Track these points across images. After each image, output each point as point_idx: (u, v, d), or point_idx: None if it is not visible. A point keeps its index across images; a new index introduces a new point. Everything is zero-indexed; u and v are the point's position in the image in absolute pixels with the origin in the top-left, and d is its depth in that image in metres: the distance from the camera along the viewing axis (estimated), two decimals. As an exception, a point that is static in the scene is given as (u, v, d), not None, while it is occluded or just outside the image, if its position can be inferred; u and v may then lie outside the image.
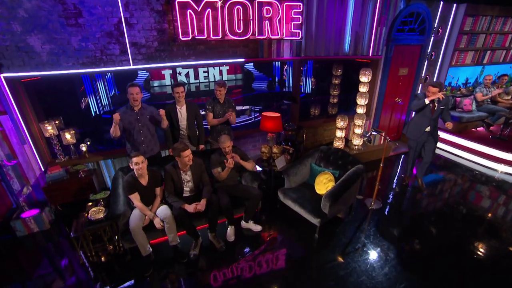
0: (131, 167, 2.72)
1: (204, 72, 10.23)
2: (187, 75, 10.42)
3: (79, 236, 2.70)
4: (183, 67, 3.88)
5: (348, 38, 4.44)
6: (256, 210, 3.49)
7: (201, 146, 3.67)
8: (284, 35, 3.88)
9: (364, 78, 4.55)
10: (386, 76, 5.04)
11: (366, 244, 3.11)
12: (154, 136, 3.33)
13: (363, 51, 4.65)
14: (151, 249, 2.81)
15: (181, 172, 3.00)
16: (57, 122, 3.67)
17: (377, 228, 3.36)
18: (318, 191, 3.35)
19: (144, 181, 2.80)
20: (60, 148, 3.60)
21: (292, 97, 4.42)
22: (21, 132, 3.30)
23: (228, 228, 3.22)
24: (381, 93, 5.18)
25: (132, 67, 3.44)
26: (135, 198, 2.74)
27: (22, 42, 2.99)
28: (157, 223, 2.75)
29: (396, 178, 4.61)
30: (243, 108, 7.19)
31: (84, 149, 3.69)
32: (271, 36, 3.80)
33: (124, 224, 2.77)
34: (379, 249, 3.04)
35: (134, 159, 2.67)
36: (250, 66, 10.71)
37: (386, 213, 3.67)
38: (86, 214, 2.89)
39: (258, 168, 4.16)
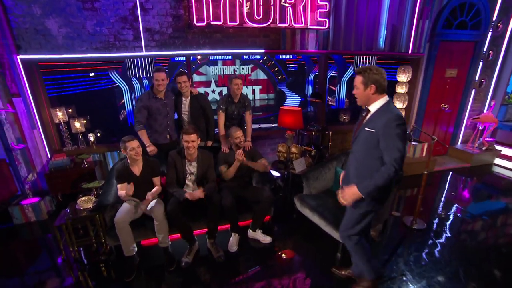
0: (125, 152, 2.42)
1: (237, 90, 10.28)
2: (220, 93, 10.51)
3: (61, 226, 2.40)
4: (198, 55, 3.58)
5: (383, 31, 3.93)
6: (267, 218, 2.96)
7: (209, 142, 3.29)
8: (309, 24, 3.51)
9: (403, 77, 3.94)
10: (430, 77, 4.34)
11: (406, 274, 2.37)
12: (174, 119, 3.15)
13: (401, 47, 4.07)
14: (136, 250, 2.40)
15: (186, 161, 2.63)
16: (70, 110, 3.61)
17: (421, 254, 2.60)
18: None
19: (137, 170, 2.48)
20: (68, 136, 3.49)
21: (317, 93, 3.94)
22: (32, 116, 3.25)
23: (231, 236, 2.71)
24: (423, 97, 4.45)
25: (144, 53, 3.29)
26: (122, 188, 2.42)
27: (40, 25, 3.00)
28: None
29: (443, 198, 3.75)
30: (272, 126, 6.97)
31: (92, 139, 3.55)
32: (294, 25, 3.45)
33: (112, 217, 2.43)
34: (424, 282, 2.28)
35: (130, 144, 2.37)
36: (282, 86, 10.68)
37: (432, 236, 2.87)
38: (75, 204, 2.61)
39: (276, 173, 3.66)
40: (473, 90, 4.68)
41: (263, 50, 3.63)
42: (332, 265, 2.45)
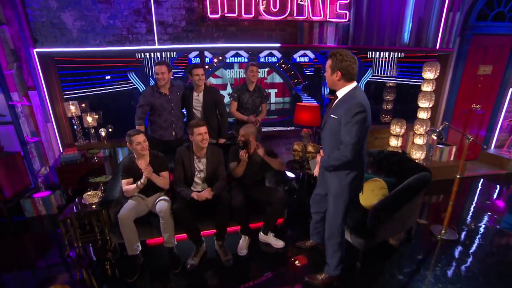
0: (131, 147, 2.30)
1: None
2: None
3: (65, 220, 2.33)
4: (212, 50, 3.47)
5: (408, 25, 3.65)
6: (280, 221, 2.78)
7: (221, 140, 3.15)
8: (328, 17, 3.31)
9: (429, 74, 3.62)
10: (460, 74, 4.00)
11: (436, 290, 2.09)
12: (181, 115, 2.99)
13: (428, 42, 3.77)
14: (140, 249, 2.28)
15: (195, 157, 2.49)
16: (83, 105, 3.61)
17: (454, 269, 2.30)
18: (363, 202, 2.48)
19: (143, 165, 2.36)
20: (80, 130, 3.47)
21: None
22: (46, 109, 3.26)
23: (241, 239, 2.54)
24: (452, 96, 4.11)
25: (157, 47, 3.22)
26: (127, 183, 2.31)
27: (56, 18, 3.00)
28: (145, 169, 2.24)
29: (474, 206, 3.38)
30: (288, 129, 6.78)
31: (103, 134, 3.51)
32: (312, 17, 3.27)
33: (117, 213, 2.32)
34: (458, 300, 2.00)
35: (136, 138, 2.26)
36: (298, 89, 10.50)
37: (465, 248, 2.56)
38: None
39: (290, 175, 3.46)
40: (510, 89, 4.27)
41: (279, 45, 3.47)
42: (351, 274, 2.22)
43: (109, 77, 5.66)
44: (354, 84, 1.69)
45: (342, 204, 1.86)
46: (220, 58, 6.15)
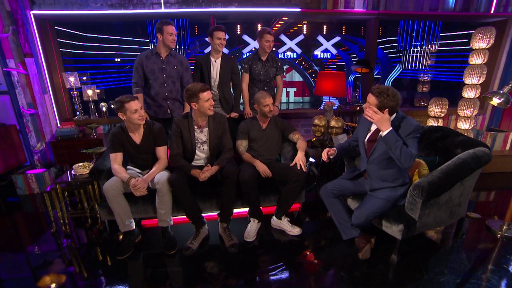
0: (124, 117, 1.91)
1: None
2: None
3: (51, 192, 2.01)
4: (223, 14, 3.09)
5: (453, -14, 3.12)
6: (298, 206, 2.34)
7: (234, 114, 2.76)
8: (357, -27, 2.85)
9: (481, 43, 3.04)
10: (517, 46, 3.38)
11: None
12: (179, 93, 2.57)
13: (479, 5, 3.20)
14: (133, 225, 1.93)
15: (195, 127, 2.11)
16: (84, 78, 3.35)
17: (526, 271, 1.76)
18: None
19: (137, 137, 2.00)
20: (80, 104, 3.20)
21: (364, 61, 3.21)
22: (44, 79, 3.01)
23: (250, 222, 2.13)
24: (508, 72, 3.48)
25: (163, 11, 2.89)
26: (115, 159, 1.93)
27: (55, -22, 2.75)
28: (133, 185, 1.83)
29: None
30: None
31: (104, 109, 3.23)
32: (338, -26, 2.82)
33: (106, 186, 1.99)
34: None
35: (131, 105, 1.85)
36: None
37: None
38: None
39: (310, 159, 3.01)
40: None
41: (299, 9, 3.04)
42: (383, 273, 1.74)
43: (118, 60, 5.44)
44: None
45: (383, 208, 1.78)
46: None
